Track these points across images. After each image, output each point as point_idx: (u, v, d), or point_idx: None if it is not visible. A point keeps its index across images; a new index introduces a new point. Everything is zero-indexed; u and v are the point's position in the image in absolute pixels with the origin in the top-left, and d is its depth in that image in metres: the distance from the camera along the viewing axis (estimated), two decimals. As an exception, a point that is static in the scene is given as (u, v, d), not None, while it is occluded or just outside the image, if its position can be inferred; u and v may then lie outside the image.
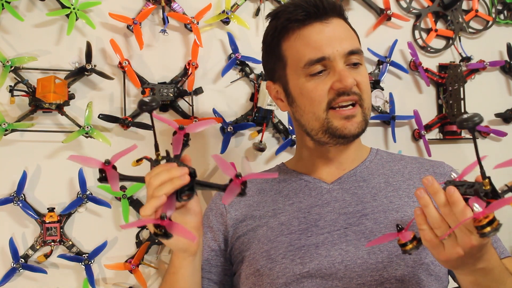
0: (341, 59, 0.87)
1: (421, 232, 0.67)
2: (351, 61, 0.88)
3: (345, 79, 0.85)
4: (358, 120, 0.87)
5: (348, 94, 0.86)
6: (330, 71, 0.87)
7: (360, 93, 0.87)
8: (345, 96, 0.86)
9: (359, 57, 0.89)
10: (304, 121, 0.91)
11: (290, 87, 0.91)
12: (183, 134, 0.77)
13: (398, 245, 0.80)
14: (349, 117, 0.87)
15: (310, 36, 0.88)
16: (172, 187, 0.69)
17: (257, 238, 0.88)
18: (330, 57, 0.86)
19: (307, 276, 0.82)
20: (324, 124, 0.87)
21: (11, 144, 1.13)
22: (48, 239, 1.12)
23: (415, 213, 0.67)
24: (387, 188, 0.91)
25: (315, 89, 0.87)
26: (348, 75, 0.85)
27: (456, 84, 1.42)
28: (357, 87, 0.87)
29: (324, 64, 0.87)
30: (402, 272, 0.81)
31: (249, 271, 0.87)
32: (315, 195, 0.91)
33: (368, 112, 0.90)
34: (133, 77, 1.18)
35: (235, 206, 0.94)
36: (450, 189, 0.63)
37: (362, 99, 0.88)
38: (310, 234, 0.86)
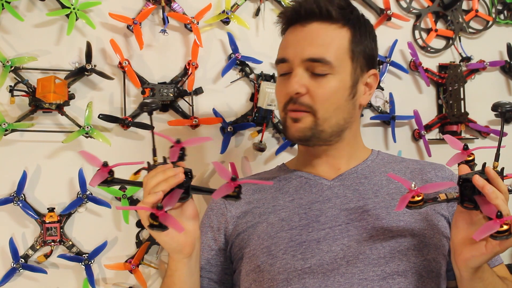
0: (299, 64, 0.87)
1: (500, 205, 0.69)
2: (314, 70, 0.87)
3: (288, 86, 0.87)
4: (302, 126, 0.88)
5: (294, 102, 0.87)
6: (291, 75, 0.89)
7: (311, 104, 0.87)
8: (292, 103, 0.88)
9: (324, 67, 0.86)
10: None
11: None
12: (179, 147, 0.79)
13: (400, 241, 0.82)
14: (296, 120, 0.88)
15: (285, 38, 0.93)
16: (167, 185, 0.72)
17: (257, 234, 0.88)
18: (289, 60, 0.88)
19: (309, 272, 0.82)
20: (282, 122, 0.93)
21: (11, 144, 1.13)
22: (48, 239, 1.12)
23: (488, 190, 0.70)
24: (389, 185, 0.91)
25: (279, 89, 0.92)
26: (293, 82, 0.86)
27: (456, 84, 1.42)
28: (309, 97, 0.87)
29: (288, 67, 0.89)
30: (404, 267, 0.81)
31: (249, 267, 0.87)
32: (316, 192, 0.91)
33: (323, 123, 0.87)
34: (133, 77, 1.18)
35: (236, 204, 0.94)
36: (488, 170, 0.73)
37: (313, 109, 0.87)
38: (311, 229, 0.86)
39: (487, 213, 0.69)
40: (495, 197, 0.69)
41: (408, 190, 0.74)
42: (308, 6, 0.88)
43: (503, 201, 0.70)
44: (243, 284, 0.89)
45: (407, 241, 0.83)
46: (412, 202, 0.73)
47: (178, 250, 0.78)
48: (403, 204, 0.73)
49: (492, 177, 0.72)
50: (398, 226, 0.84)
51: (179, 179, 0.72)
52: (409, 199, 0.73)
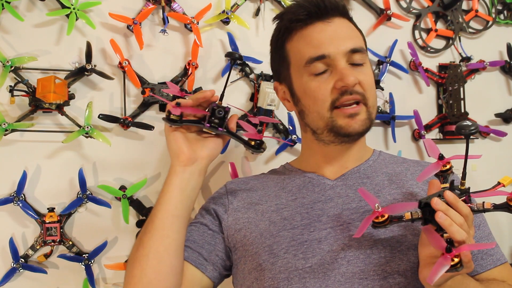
0: (342, 57, 0.86)
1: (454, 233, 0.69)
2: (354, 60, 0.87)
3: (346, 78, 0.84)
4: (362, 118, 0.87)
5: (351, 93, 0.86)
6: (333, 70, 0.87)
7: (363, 92, 0.87)
8: (347, 95, 0.86)
9: (362, 56, 0.88)
10: (309, 121, 0.91)
11: (294, 87, 0.92)
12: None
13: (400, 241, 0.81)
14: (353, 115, 0.86)
15: (311, 35, 0.88)
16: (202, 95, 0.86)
17: (259, 232, 0.88)
18: (330, 55, 0.86)
19: (310, 271, 0.82)
20: (328, 123, 0.87)
21: (11, 144, 1.13)
22: (48, 239, 1.12)
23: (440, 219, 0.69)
24: (391, 186, 0.91)
25: (318, 89, 0.87)
26: (349, 74, 0.85)
27: (456, 84, 1.42)
28: (360, 86, 0.87)
29: (326, 63, 0.87)
30: (404, 267, 0.81)
31: (251, 265, 0.87)
32: (318, 191, 0.91)
33: (373, 111, 0.90)
34: (133, 77, 1.18)
35: (238, 197, 0.94)
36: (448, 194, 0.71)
37: (365, 98, 0.87)
38: (313, 229, 0.86)
39: (436, 247, 0.69)
40: (449, 225, 0.68)
41: (372, 210, 0.74)
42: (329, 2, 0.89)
43: (460, 226, 0.69)
44: (244, 282, 0.89)
45: (408, 241, 0.83)
46: (376, 222, 0.74)
47: (176, 154, 0.85)
48: (365, 225, 0.74)
49: (451, 201, 0.70)
50: (399, 226, 0.84)
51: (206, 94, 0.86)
52: (372, 220, 0.74)
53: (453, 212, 0.69)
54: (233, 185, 0.98)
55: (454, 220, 0.69)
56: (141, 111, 1.20)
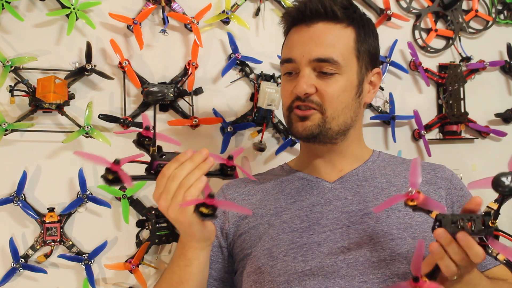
0: (307, 64, 0.88)
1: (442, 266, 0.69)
2: (321, 69, 0.87)
3: (297, 86, 0.87)
4: (310, 124, 0.88)
5: (303, 101, 0.88)
6: (298, 75, 0.89)
7: (321, 103, 0.87)
8: (300, 101, 0.88)
9: (331, 67, 0.87)
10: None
11: None
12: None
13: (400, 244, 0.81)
14: (303, 118, 0.88)
15: (291, 37, 0.92)
16: (201, 172, 0.72)
17: (259, 236, 0.88)
18: (296, 60, 0.89)
19: (309, 274, 0.82)
20: (287, 122, 0.92)
21: (11, 144, 1.13)
22: (48, 239, 1.12)
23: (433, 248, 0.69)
24: (390, 188, 0.91)
25: (283, 88, 0.93)
26: (302, 83, 0.86)
27: (456, 84, 1.42)
28: (318, 96, 0.87)
29: (294, 67, 0.90)
30: (404, 270, 0.81)
31: (250, 269, 0.87)
32: (317, 194, 0.91)
33: (332, 121, 0.88)
34: (133, 77, 1.18)
35: (237, 203, 0.95)
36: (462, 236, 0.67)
37: (323, 108, 0.87)
38: (312, 232, 0.86)
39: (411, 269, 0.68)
40: (440, 258, 0.69)
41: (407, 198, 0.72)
42: (313, 6, 0.88)
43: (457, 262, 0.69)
44: (244, 285, 0.89)
45: (407, 244, 0.83)
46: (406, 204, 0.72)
47: (207, 238, 0.79)
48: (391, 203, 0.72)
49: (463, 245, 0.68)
50: (398, 228, 0.84)
51: (211, 163, 0.73)
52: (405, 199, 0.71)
53: (454, 249, 0.69)
54: (230, 191, 0.97)
55: (450, 255, 0.69)
56: (141, 111, 1.20)
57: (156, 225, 1.18)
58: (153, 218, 1.18)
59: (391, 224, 0.85)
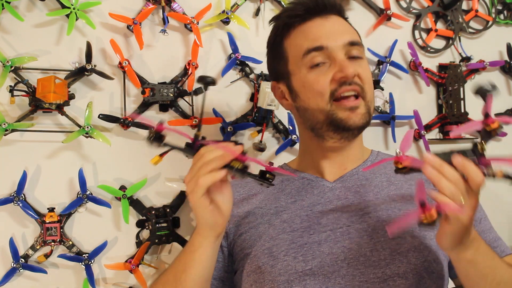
0: (341, 50, 0.87)
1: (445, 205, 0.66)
2: (352, 54, 0.88)
3: (346, 69, 0.85)
4: (362, 111, 0.87)
5: (350, 84, 0.86)
6: (331, 63, 0.87)
7: (362, 85, 0.87)
8: (347, 85, 0.86)
9: (360, 50, 0.90)
10: (308, 115, 0.90)
11: (293, 82, 0.92)
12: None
13: (400, 243, 0.81)
14: (353, 108, 0.86)
15: (309, 29, 0.90)
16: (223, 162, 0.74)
17: (259, 236, 0.88)
18: (329, 48, 0.87)
19: (310, 274, 0.82)
20: (328, 116, 0.87)
21: (11, 144, 1.13)
22: (48, 239, 1.12)
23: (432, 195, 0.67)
24: (390, 187, 0.91)
25: (317, 80, 0.87)
26: (348, 65, 0.86)
27: (456, 84, 1.42)
28: (359, 79, 0.87)
29: (325, 56, 0.87)
30: (404, 269, 0.81)
31: (250, 268, 0.87)
32: (317, 194, 0.91)
33: (371, 105, 0.90)
34: (133, 77, 1.18)
35: (237, 203, 0.95)
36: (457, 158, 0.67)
37: (364, 90, 0.87)
38: (312, 231, 0.86)
39: (416, 199, 0.66)
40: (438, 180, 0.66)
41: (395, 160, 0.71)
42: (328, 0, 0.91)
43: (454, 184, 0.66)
44: (244, 285, 0.89)
45: (408, 243, 0.83)
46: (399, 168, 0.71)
47: (211, 227, 0.79)
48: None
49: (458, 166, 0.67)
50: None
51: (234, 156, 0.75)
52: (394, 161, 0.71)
53: (448, 169, 0.67)
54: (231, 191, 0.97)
55: (447, 176, 0.66)
56: (141, 111, 1.20)
57: (156, 225, 1.18)
58: (153, 218, 1.18)
59: (391, 223, 0.85)
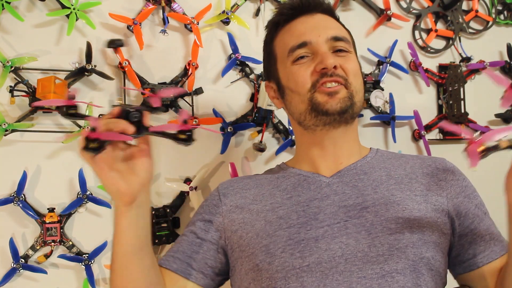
0: (324, 43, 0.89)
1: None
2: (336, 47, 0.90)
3: (326, 60, 0.87)
4: (341, 96, 0.87)
5: (331, 75, 0.87)
6: (314, 56, 0.89)
7: (345, 76, 0.88)
8: (328, 77, 0.87)
9: (346, 45, 0.91)
10: (293, 108, 0.92)
11: (281, 79, 0.94)
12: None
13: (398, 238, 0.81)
14: (332, 93, 0.87)
15: (295, 27, 0.93)
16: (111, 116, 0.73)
17: (255, 233, 0.88)
18: (312, 42, 0.89)
19: (307, 270, 0.81)
20: (309, 103, 0.88)
21: (11, 144, 1.13)
22: (48, 239, 1.12)
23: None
24: (389, 181, 0.90)
25: (299, 72, 0.89)
26: (329, 57, 0.87)
27: (456, 84, 1.42)
28: (342, 71, 0.88)
29: (308, 50, 0.89)
30: (403, 265, 0.81)
31: (248, 266, 0.87)
32: (314, 189, 0.91)
33: (356, 95, 0.89)
34: (133, 77, 1.18)
35: (230, 197, 0.94)
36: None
37: (348, 82, 0.88)
38: (309, 227, 0.85)
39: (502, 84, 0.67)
40: None
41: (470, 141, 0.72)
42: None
43: None
44: (242, 283, 0.88)
45: (406, 239, 0.82)
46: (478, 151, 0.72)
47: (117, 196, 0.78)
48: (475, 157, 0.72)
49: None
50: (396, 223, 0.84)
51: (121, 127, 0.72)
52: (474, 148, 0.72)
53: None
54: (225, 186, 0.97)
55: None
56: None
57: (156, 225, 1.18)
58: (153, 218, 1.18)
59: (389, 218, 0.84)
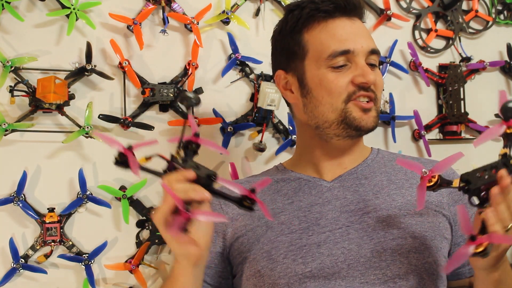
0: (363, 55, 0.88)
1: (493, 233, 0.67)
2: (370, 61, 0.90)
3: (368, 75, 0.87)
4: (373, 115, 0.89)
5: (367, 90, 0.88)
6: (352, 66, 0.88)
7: (376, 93, 0.89)
8: (364, 91, 0.88)
9: (377, 59, 0.92)
10: (318, 113, 0.90)
11: (308, 77, 0.90)
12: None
13: (400, 244, 0.81)
14: (367, 110, 0.88)
15: (336, 28, 0.89)
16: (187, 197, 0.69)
17: (257, 239, 0.88)
18: (354, 52, 0.88)
19: (310, 276, 0.81)
20: (341, 114, 0.88)
21: (11, 144, 1.13)
22: (48, 239, 1.12)
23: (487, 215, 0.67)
24: (390, 186, 0.91)
25: (336, 81, 0.88)
26: (370, 72, 0.87)
27: (456, 84, 1.42)
28: (374, 86, 0.89)
29: (347, 58, 0.88)
30: (405, 270, 0.81)
31: (249, 272, 0.87)
32: (315, 194, 0.90)
33: (379, 112, 0.92)
34: (133, 77, 1.18)
35: (233, 206, 0.94)
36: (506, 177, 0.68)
37: (376, 98, 0.90)
38: (311, 233, 0.85)
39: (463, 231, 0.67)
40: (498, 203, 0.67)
41: (420, 176, 0.74)
42: (358, 1, 0.92)
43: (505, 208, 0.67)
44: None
45: (408, 244, 0.83)
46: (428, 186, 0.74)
47: (186, 258, 0.77)
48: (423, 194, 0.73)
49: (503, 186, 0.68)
50: (398, 228, 0.84)
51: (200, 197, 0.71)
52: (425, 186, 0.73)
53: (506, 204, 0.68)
54: None
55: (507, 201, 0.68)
56: (141, 111, 1.20)
57: (156, 225, 1.17)
58: (153, 218, 1.17)
59: (391, 223, 0.85)
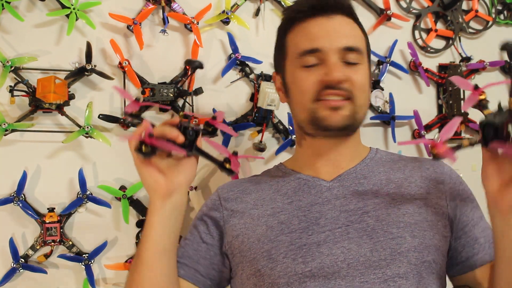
0: (335, 53, 0.86)
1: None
2: (348, 59, 0.87)
3: (332, 73, 0.85)
4: (344, 113, 0.87)
5: (335, 88, 0.86)
6: (323, 65, 0.87)
7: (351, 89, 0.87)
8: (331, 89, 0.86)
9: (358, 56, 0.88)
10: (296, 112, 0.92)
11: (287, 77, 0.93)
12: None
13: (400, 243, 0.81)
14: (335, 108, 0.86)
15: (309, 28, 0.89)
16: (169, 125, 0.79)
17: (257, 238, 0.88)
18: (323, 50, 0.86)
19: (310, 276, 0.81)
20: (310, 114, 0.88)
21: (11, 144, 1.13)
22: (48, 239, 1.12)
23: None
24: (389, 185, 0.91)
25: (305, 80, 0.88)
26: (336, 69, 0.85)
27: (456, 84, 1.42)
28: (350, 84, 0.87)
29: (318, 57, 0.87)
30: (405, 269, 0.81)
31: (249, 271, 0.86)
32: (314, 193, 0.90)
33: (360, 110, 0.88)
34: (133, 77, 1.18)
35: (231, 202, 0.94)
36: None
37: (353, 95, 0.87)
38: (311, 232, 0.85)
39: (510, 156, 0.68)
40: None
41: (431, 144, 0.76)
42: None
43: None
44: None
45: (408, 243, 0.82)
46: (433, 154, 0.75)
47: (153, 188, 0.80)
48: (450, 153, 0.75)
49: None
50: (398, 227, 0.84)
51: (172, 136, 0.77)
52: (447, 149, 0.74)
53: None
54: (225, 190, 0.96)
55: None
56: (141, 111, 1.20)
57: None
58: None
59: (390, 222, 0.85)
